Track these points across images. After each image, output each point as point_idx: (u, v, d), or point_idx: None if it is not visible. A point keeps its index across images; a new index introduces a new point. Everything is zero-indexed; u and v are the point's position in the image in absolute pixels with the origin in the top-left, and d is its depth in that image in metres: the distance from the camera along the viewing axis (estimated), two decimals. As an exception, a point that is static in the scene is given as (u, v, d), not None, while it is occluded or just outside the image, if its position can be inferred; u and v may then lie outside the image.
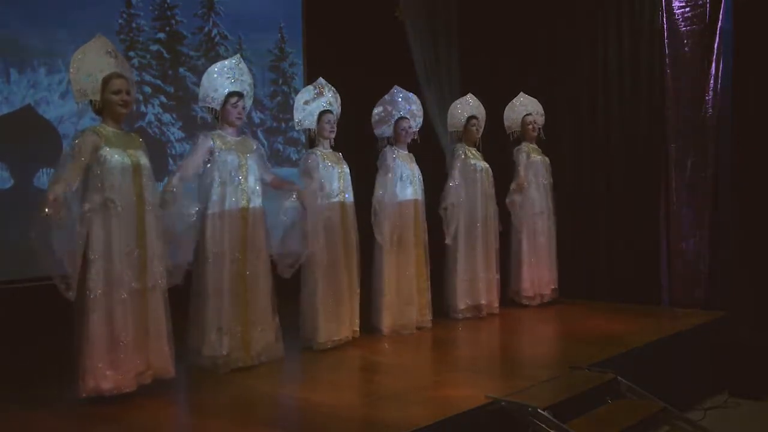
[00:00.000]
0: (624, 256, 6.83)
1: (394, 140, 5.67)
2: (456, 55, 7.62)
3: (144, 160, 4.01)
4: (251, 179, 4.58)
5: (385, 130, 5.66)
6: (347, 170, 5.22)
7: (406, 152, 5.71)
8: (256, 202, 4.60)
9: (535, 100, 6.73)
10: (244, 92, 4.67)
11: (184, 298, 4.44)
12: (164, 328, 4.04)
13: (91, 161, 3.84)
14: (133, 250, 3.89)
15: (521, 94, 6.72)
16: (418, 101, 5.81)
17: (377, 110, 5.65)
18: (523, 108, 6.66)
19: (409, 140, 5.70)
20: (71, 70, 3.96)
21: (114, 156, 3.87)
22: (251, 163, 4.61)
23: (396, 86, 5.71)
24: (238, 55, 4.79)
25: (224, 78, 4.61)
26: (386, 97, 5.66)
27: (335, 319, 5.02)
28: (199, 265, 4.45)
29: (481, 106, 6.27)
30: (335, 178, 5.10)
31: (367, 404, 3.88)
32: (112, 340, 3.80)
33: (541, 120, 6.70)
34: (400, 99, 5.66)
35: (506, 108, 6.67)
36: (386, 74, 6.29)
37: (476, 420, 3.60)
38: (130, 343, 3.85)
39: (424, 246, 5.70)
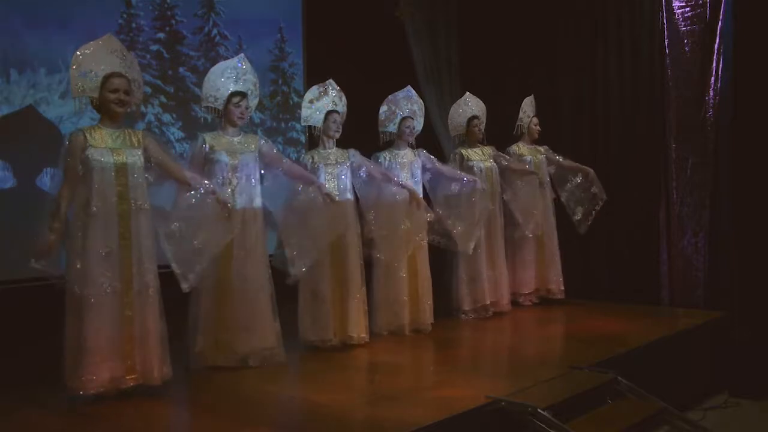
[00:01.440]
0: (624, 256, 6.83)
1: (397, 137, 5.68)
2: (456, 55, 7.61)
3: (133, 159, 3.96)
4: (244, 179, 4.53)
5: (389, 127, 5.67)
6: (347, 170, 5.20)
7: (406, 151, 5.71)
8: (252, 202, 4.56)
9: None
10: (248, 92, 4.66)
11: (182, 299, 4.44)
12: (153, 332, 3.95)
13: (79, 163, 3.88)
14: (112, 251, 3.85)
15: (531, 96, 6.68)
16: (420, 102, 5.82)
17: (383, 109, 5.66)
18: (532, 109, 6.64)
19: (411, 140, 5.72)
20: (72, 66, 3.96)
21: (96, 156, 3.87)
22: (248, 163, 4.57)
23: (408, 86, 5.74)
24: (242, 55, 4.77)
25: (227, 78, 4.61)
26: (391, 96, 5.67)
27: (314, 321, 4.99)
28: None
29: (480, 102, 6.26)
30: (331, 177, 5.09)
31: (367, 404, 3.88)
32: (81, 342, 3.77)
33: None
34: (403, 98, 5.67)
35: (523, 102, 6.60)
36: (386, 74, 6.29)
37: (476, 420, 3.60)
38: (103, 346, 3.79)
39: (422, 246, 5.66)
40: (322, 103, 5.17)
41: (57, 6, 5.74)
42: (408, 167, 5.64)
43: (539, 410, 3.64)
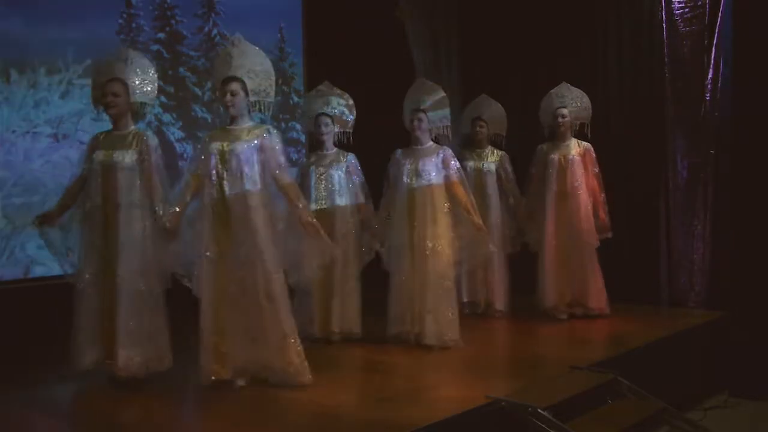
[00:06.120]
0: (624, 256, 6.82)
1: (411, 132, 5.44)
2: (456, 55, 7.61)
3: (121, 159, 4.09)
4: (236, 166, 4.04)
5: (406, 123, 5.35)
6: (339, 173, 5.16)
7: (420, 147, 5.24)
8: (249, 188, 4.05)
9: (579, 91, 6.12)
10: (241, 77, 4.12)
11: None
12: (125, 327, 3.97)
13: (89, 163, 4.21)
14: (97, 246, 4.08)
15: (563, 83, 6.21)
16: (435, 91, 5.28)
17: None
18: (559, 100, 6.11)
19: (418, 134, 5.20)
20: (91, 79, 4.39)
21: (94, 157, 4.15)
22: (240, 151, 4.05)
23: (421, 78, 5.70)
24: (237, 35, 4.31)
25: (220, 64, 4.26)
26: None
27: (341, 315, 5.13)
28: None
29: (492, 106, 6.22)
30: (321, 179, 5.14)
31: (367, 404, 3.88)
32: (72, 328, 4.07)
33: (580, 114, 6.15)
34: (412, 91, 5.33)
35: (543, 99, 6.26)
36: (386, 74, 6.28)
37: (476, 420, 3.60)
38: (86, 334, 4.04)
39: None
40: (313, 107, 5.25)
41: (57, 6, 5.73)
42: (428, 161, 5.18)
43: (539, 410, 3.64)
